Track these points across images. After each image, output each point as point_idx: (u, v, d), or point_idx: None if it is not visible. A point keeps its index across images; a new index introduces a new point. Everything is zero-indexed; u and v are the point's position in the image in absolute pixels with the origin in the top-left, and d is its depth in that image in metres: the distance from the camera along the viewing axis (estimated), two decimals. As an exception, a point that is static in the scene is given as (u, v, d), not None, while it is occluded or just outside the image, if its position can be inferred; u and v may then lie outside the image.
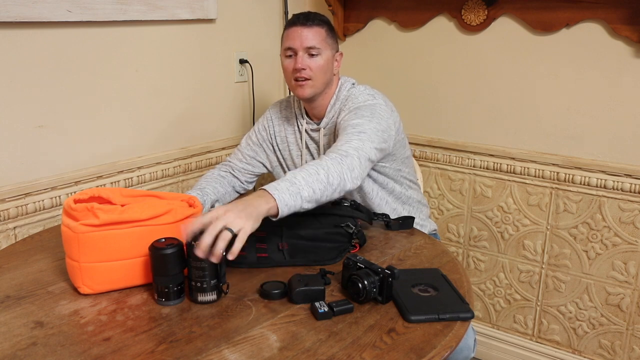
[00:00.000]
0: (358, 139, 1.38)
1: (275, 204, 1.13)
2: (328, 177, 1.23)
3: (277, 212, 1.14)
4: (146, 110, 1.81)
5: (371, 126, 1.43)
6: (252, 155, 1.72)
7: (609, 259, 1.89)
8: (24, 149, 1.52)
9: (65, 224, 1.08)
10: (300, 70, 1.51)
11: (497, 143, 2.03)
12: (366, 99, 1.55)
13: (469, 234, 2.16)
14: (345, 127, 1.44)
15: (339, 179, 1.25)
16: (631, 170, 1.79)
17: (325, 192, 1.23)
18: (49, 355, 0.91)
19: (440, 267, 1.23)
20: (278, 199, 1.14)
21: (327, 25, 1.56)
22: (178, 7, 1.81)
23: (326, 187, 1.23)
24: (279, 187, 1.16)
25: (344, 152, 1.32)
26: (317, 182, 1.21)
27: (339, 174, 1.26)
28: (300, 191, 1.17)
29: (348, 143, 1.36)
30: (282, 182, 1.18)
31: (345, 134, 1.40)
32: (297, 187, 1.17)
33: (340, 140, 1.39)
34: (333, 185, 1.24)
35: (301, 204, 1.18)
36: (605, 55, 1.77)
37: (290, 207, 1.16)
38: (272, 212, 1.14)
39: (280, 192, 1.15)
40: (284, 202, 1.14)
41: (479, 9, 1.94)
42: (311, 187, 1.20)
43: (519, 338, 2.15)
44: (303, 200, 1.18)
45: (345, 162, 1.29)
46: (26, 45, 1.48)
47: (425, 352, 0.92)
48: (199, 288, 1.06)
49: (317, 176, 1.22)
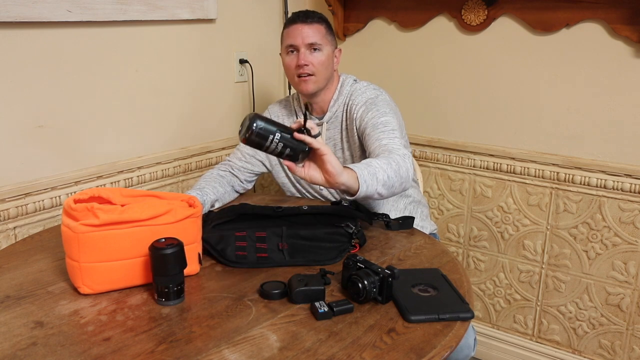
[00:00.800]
0: (396, 137, 1.42)
1: (356, 177, 1.16)
2: (399, 169, 1.27)
3: (357, 188, 1.17)
4: (146, 110, 1.81)
5: (396, 123, 1.48)
6: (252, 153, 1.72)
7: (609, 259, 1.89)
8: (24, 149, 1.52)
9: (65, 224, 1.08)
10: (303, 66, 1.55)
11: (497, 143, 2.03)
12: (376, 93, 1.59)
13: (469, 234, 2.17)
14: (375, 124, 1.47)
15: (406, 173, 1.29)
16: (631, 170, 1.79)
17: (395, 183, 1.25)
18: (49, 355, 0.91)
19: (440, 267, 1.23)
20: (360, 175, 1.16)
21: (325, 22, 1.61)
22: (178, 7, 1.81)
23: (397, 177, 1.26)
24: (357, 165, 1.19)
25: (399, 150, 1.34)
26: (391, 170, 1.24)
27: (406, 169, 1.29)
28: (377, 173, 1.20)
29: (393, 142, 1.39)
30: (358, 164, 1.21)
31: (381, 132, 1.43)
32: (374, 168, 1.20)
33: (381, 138, 1.41)
34: (402, 177, 1.27)
35: (377, 187, 1.20)
36: (605, 55, 1.77)
37: (368, 186, 1.18)
38: (351, 184, 1.16)
39: (360, 169, 1.17)
40: (364, 179, 1.17)
41: (479, 9, 1.94)
42: (386, 172, 1.23)
43: (519, 338, 2.15)
44: (379, 182, 1.20)
45: (407, 160, 1.32)
46: (26, 45, 1.48)
47: (425, 352, 0.92)
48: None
49: (390, 165, 1.25)
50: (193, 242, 1.16)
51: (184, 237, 1.10)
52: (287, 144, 1.11)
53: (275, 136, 1.10)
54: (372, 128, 1.46)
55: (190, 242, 1.15)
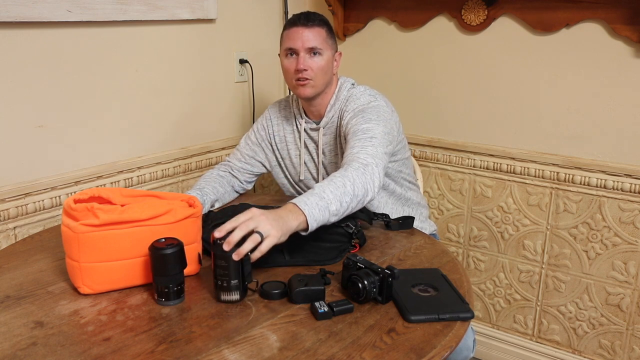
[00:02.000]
0: (371, 144, 1.39)
1: (305, 220, 1.16)
2: (354, 189, 1.25)
3: (307, 227, 1.17)
4: (146, 110, 1.81)
5: (379, 130, 1.45)
6: (251, 154, 1.72)
7: (609, 259, 1.89)
8: (24, 149, 1.52)
9: (65, 224, 1.08)
10: (302, 70, 1.51)
11: (497, 143, 2.03)
12: (368, 100, 1.55)
13: (469, 234, 2.17)
14: (355, 131, 1.45)
15: (363, 190, 1.28)
16: (631, 170, 1.79)
17: (351, 204, 1.26)
18: (49, 355, 0.91)
19: (440, 267, 1.23)
20: (308, 214, 1.16)
21: (326, 25, 1.56)
22: (178, 7, 1.81)
23: (352, 199, 1.25)
24: (308, 202, 1.18)
25: (364, 161, 1.33)
26: (345, 195, 1.24)
27: (363, 185, 1.28)
28: (329, 205, 1.20)
29: (364, 150, 1.37)
30: (311, 196, 1.20)
31: (357, 139, 1.41)
32: (325, 201, 1.20)
33: (353, 146, 1.40)
34: (358, 196, 1.27)
35: (328, 218, 1.21)
36: (605, 55, 1.77)
37: (318, 222, 1.19)
38: (302, 228, 1.17)
39: (310, 208, 1.17)
40: (314, 218, 1.17)
41: (479, 9, 1.94)
42: (339, 200, 1.22)
43: (519, 338, 2.15)
44: (331, 214, 1.21)
45: (367, 172, 1.30)
46: (26, 45, 1.48)
47: (425, 352, 0.92)
48: (222, 287, 1.07)
49: (344, 189, 1.24)
50: (193, 242, 1.16)
51: (184, 237, 1.10)
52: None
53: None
54: (352, 135, 1.44)
55: (190, 242, 1.15)
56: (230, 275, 1.06)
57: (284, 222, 1.12)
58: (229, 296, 1.07)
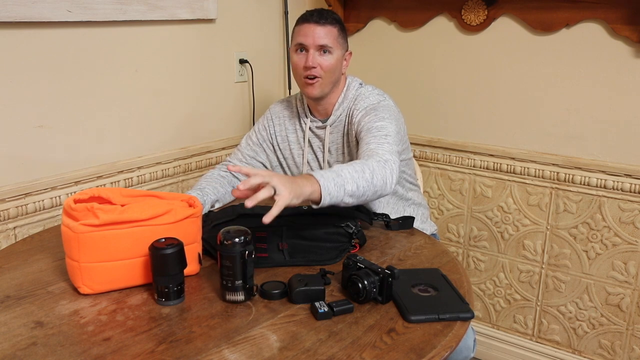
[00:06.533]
0: (387, 142, 1.39)
1: (319, 190, 1.15)
2: (373, 178, 1.25)
3: (320, 199, 1.16)
4: (146, 110, 1.81)
5: (392, 128, 1.45)
6: (252, 155, 1.72)
7: (609, 259, 1.89)
8: (24, 149, 1.52)
9: (65, 224, 1.08)
10: (311, 68, 1.51)
11: (497, 143, 2.03)
12: (378, 99, 1.56)
13: (469, 234, 2.17)
14: (369, 128, 1.45)
15: (382, 181, 1.27)
16: (631, 170, 1.79)
17: (367, 192, 1.24)
18: (49, 355, 0.91)
19: (440, 267, 1.23)
20: (323, 186, 1.15)
21: (339, 24, 1.56)
22: (178, 7, 1.81)
23: (369, 186, 1.24)
24: (325, 175, 1.17)
25: (384, 156, 1.33)
26: (362, 180, 1.23)
27: (382, 177, 1.27)
28: (345, 184, 1.19)
29: (381, 147, 1.37)
30: (328, 171, 1.19)
31: (372, 136, 1.41)
32: (342, 179, 1.19)
33: (369, 142, 1.40)
34: (376, 186, 1.26)
35: (343, 197, 1.20)
36: (605, 55, 1.77)
37: (332, 197, 1.17)
38: (315, 197, 1.16)
39: (326, 180, 1.16)
40: (328, 191, 1.16)
41: (479, 9, 1.94)
42: (356, 182, 1.21)
43: (519, 338, 2.15)
44: (346, 193, 1.19)
45: (387, 167, 1.30)
46: (26, 45, 1.48)
47: (425, 352, 0.92)
48: (227, 287, 1.07)
49: (363, 174, 1.23)
50: (193, 242, 1.16)
51: (184, 237, 1.10)
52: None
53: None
54: (366, 132, 1.45)
55: (190, 242, 1.15)
56: (234, 276, 1.06)
57: (297, 186, 1.11)
58: (234, 296, 1.07)
